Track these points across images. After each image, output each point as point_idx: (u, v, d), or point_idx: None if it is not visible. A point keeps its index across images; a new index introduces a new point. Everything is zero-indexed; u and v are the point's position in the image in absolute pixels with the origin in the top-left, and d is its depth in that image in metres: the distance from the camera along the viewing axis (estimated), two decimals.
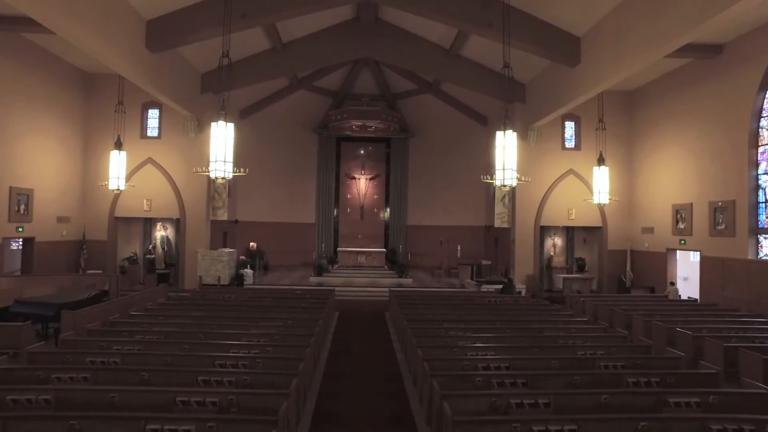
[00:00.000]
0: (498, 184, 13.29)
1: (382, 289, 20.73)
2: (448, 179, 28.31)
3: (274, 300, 15.34)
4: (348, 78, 26.78)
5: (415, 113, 28.52)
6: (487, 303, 15.95)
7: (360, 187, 29.56)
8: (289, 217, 28.36)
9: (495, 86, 21.18)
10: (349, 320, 16.07)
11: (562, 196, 21.31)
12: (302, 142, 28.88)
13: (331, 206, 29.37)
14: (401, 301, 15.23)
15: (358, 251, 25.35)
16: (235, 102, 25.40)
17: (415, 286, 21.75)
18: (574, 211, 21.38)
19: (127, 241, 21.78)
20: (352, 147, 29.57)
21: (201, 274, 20.00)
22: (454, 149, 28.17)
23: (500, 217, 21.37)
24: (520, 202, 21.17)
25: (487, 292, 17.95)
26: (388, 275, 23.91)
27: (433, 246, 27.71)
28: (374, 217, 29.62)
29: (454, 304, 14.80)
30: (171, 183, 20.53)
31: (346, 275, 23.69)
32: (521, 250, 21.18)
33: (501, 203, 21.38)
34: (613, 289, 20.99)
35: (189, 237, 20.56)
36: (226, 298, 15.86)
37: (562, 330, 11.20)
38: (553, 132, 21.46)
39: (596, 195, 18.72)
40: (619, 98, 21.25)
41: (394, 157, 29.49)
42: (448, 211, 28.13)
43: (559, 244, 22.89)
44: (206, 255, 20.22)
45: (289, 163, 28.41)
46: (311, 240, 28.99)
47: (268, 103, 26.46)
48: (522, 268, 21.13)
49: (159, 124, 20.84)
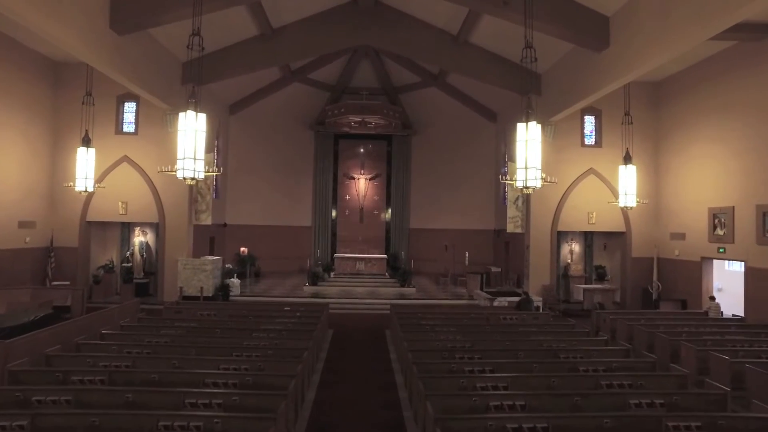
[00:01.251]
0: (519, 185, 11.17)
1: (382, 302, 18.64)
2: (453, 179, 26.22)
3: (257, 318, 13.25)
4: (346, 70, 24.67)
5: (419, 108, 26.41)
6: (503, 320, 13.88)
7: (359, 187, 27.48)
8: (283, 220, 26.29)
9: (507, 77, 19.11)
10: (345, 341, 13.98)
11: (581, 197, 19.18)
12: (297, 139, 26.80)
13: (328, 208, 27.32)
14: (404, 320, 13.13)
15: (357, 257, 23.26)
16: (224, 96, 23.38)
17: (419, 297, 19.66)
18: (594, 214, 19.24)
19: (103, 247, 19.70)
20: (351, 145, 27.50)
21: (182, 284, 17.93)
22: (460, 147, 26.07)
23: (513, 221, 19.28)
24: (536, 205, 19.05)
25: (502, 308, 15.82)
26: (389, 284, 21.82)
27: (438, 251, 25.64)
28: (375, 219, 27.54)
29: (465, 325, 12.68)
30: (149, 184, 18.45)
31: (344, 284, 21.61)
32: (536, 257, 19.06)
33: (514, 206, 19.29)
34: (638, 301, 18.85)
35: (169, 243, 18.47)
36: (203, 316, 13.82)
37: (601, 365, 9.07)
38: (572, 127, 19.32)
39: (622, 197, 16.59)
40: (644, 90, 19.11)
41: (395, 156, 27.42)
42: (454, 213, 26.03)
43: (577, 251, 20.75)
44: (187, 263, 18.14)
45: (284, 162, 26.34)
46: (307, 244, 26.94)
47: (259, 97, 24.37)
48: (537, 278, 19.01)
49: (136, 119, 18.75)
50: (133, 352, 9.56)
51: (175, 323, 12.29)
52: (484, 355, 9.77)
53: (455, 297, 19.97)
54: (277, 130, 26.03)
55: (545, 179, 11.28)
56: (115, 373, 8.19)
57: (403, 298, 19.49)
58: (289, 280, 23.62)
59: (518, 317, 14.27)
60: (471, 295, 19.80)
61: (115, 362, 8.76)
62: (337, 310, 17.70)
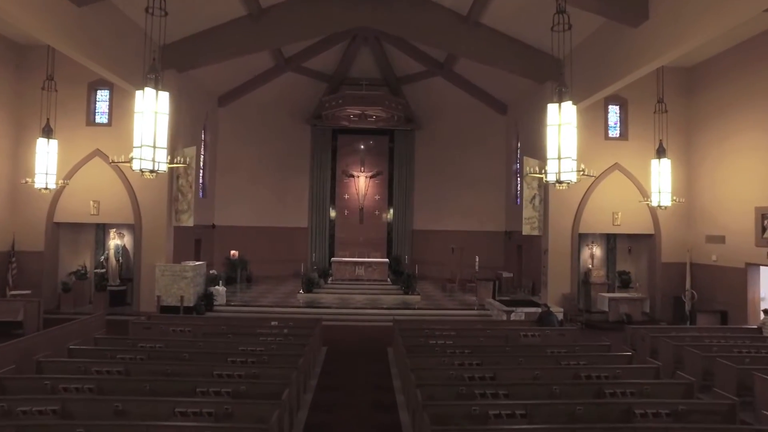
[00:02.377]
0: (551, 180, 9.14)
1: (384, 312, 16.62)
2: (460, 177, 24.18)
3: (237, 337, 11.23)
4: (344, 58, 22.65)
5: (423, 101, 24.37)
6: (524, 338, 11.87)
7: (359, 186, 25.47)
8: (277, 221, 24.28)
9: (524, 62, 17.10)
10: (340, 362, 11.96)
11: (605, 196, 17.13)
12: (292, 134, 24.78)
13: (326, 208, 25.33)
14: (409, 339, 11.10)
15: (356, 262, 21.23)
16: (212, 86, 21.37)
17: (424, 307, 17.62)
18: (620, 214, 17.20)
19: (75, 251, 17.71)
20: (350, 140, 25.49)
21: (159, 293, 15.93)
22: (468, 142, 24.02)
23: (529, 223, 17.24)
24: (555, 204, 17.01)
25: (520, 323, 13.78)
26: (391, 291, 19.79)
27: (444, 254, 23.60)
28: (375, 220, 25.52)
29: (481, 347, 10.64)
30: (124, 181, 16.45)
31: (342, 291, 19.59)
32: (555, 263, 17.02)
33: (530, 205, 17.25)
34: (669, 311, 16.80)
35: (146, 247, 16.47)
36: (176, 332, 11.83)
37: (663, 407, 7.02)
38: (594, 118, 17.27)
39: (654, 195, 14.55)
40: (674, 76, 16.99)
41: (398, 152, 25.41)
42: (461, 214, 24.00)
43: (598, 255, 18.70)
44: (166, 270, 16.13)
45: (278, 158, 24.32)
46: (303, 247, 24.94)
47: (250, 87, 22.37)
48: (556, 286, 16.97)
49: (109, 109, 16.75)
50: (71, 387, 7.55)
51: (138, 344, 10.27)
52: (512, 391, 7.74)
53: (464, 306, 17.94)
54: (271, 123, 24.02)
55: (583, 172, 9.22)
56: (30, 427, 6.19)
57: (407, 308, 17.46)
58: (283, 286, 21.61)
59: (541, 334, 12.24)
60: (482, 304, 17.77)
61: (38, 406, 6.76)
62: (334, 322, 15.70)
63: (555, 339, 12.31)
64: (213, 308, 16.66)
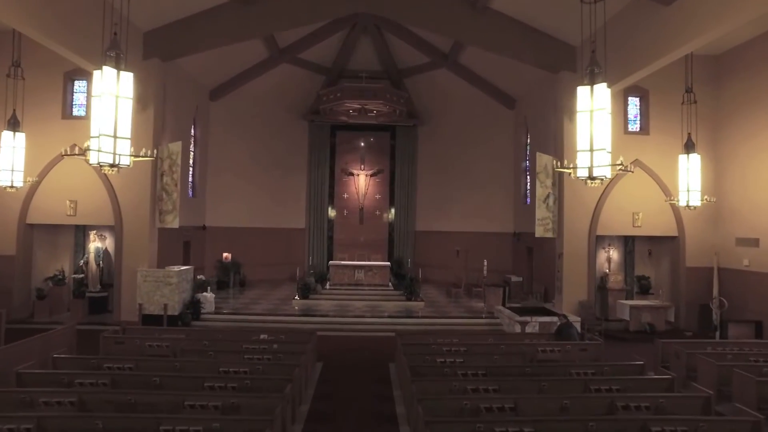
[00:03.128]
0: (581, 175, 7.76)
1: (385, 321, 15.28)
2: (466, 175, 22.81)
3: (220, 354, 9.88)
4: (343, 49, 21.28)
5: (426, 95, 22.99)
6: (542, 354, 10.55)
7: (359, 185, 24.11)
8: (272, 222, 22.92)
9: (536, 50, 15.73)
10: (336, 381, 10.62)
11: (625, 195, 15.76)
12: (289, 130, 23.42)
13: (324, 208, 23.97)
14: (414, 355, 9.77)
15: (356, 265, 19.86)
16: (203, 79, 20.01)
17: (429, 315, 16.25)
18: (641, 215, 15.82)
19: (53, 255, 16.37)
20: (350, 137, 24.13)
21: (141, 300, 14.58)
22: (474, 138, 22.65)
23: (542, 224, 15.86)
24: (570, 204, 15.63)
25: (536, 335, 12.39)
26: (393, 296, 18.43)
27: (448, 257, 22.28)
28: (376, 220, 24.16)
29: (498, 368, 9.26)
30: (103, 179, 15.09)
31: (340, 296, 18.23)
32: (571, 267, 15.64)
33: (543, 206, 15.87)
34: (695, 320, 15.42)
35: (128, 250, 15.11)
36: (151, 349, 10.50)
37: None
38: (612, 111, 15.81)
39: (682, 194, 13.18)
40: (700, 65, 15.57)
41: (400, 149, 24.05)
42: (467, 214, 22.63)
43: (615, 259, 17.32)
44: (148, 275, 14.78)
45: (273, 155, 22.96)
46: (300, 249, 23.60)
47: (244, 80, 21.01)
48: (571, 292, 15.59)
49: (87, 101, 15.37)
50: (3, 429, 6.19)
51: (104, 364, 8.93)
52: (538, 428, 6.39)
53: (472, 314, 16.57)
54: (266, 118, 22.65)
55: (621, 165, 7.83)
56: None
57: (410, 316, 16.10)
58: (279, 291, 20.27)
59: (562, 350, 10.89)
60: (491, 311, 16.41)
61: None
62: (331, 332, 14.36)
63: (577, 355, 10.99)
64: (200, 317, 15.31)
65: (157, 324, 14.33)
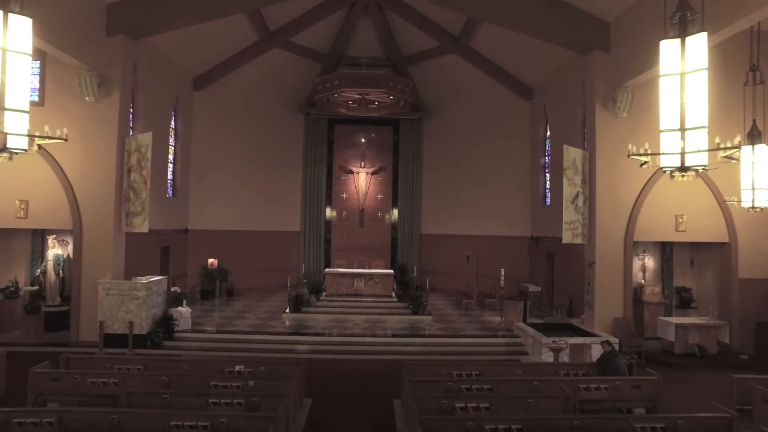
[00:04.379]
0: (669, 166, 5.45)
1: (388, 341, 12.99)
2: (476, 173, 20.51)
3: (176, 398, 7.59)
4: (341, 33, 19.00)
5: (434, 85, 20.68)
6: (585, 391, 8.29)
7: (359, 184, 21.84)
8: (264, 225, 20.64)
9: (562, 26, 13.42)
10: (326, 428, 8.32)
11: (666, 194, 13.42)
12: (282, 124, 21.15)
13: (321, 209, 21.71)
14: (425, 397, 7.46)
15: (355, 273, 17.54)
16: (185, 65, 17.67)
17: (439, 333, 13.94)
18: (685, 218, 13.50)
19: (5, 263, 14.08)
20: (349, 131, 21.87)
21: (103, 317, 12.29)
22: (486, 132, 20.33)
23: (571, 228, 13.53)
24: (603, 205, 13.31)
25: (571, 366, 10.03)
26: (397, 309, 16.14)
27: (457, 262, 20.03)
28: (378, 223, 21.89)
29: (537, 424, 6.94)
30: (60, 175, 12.81)
31: (337, 310, 15.93)
32: (603, 278, 13.31)
33: (572, 207, 13.54)
34: (750, 341, 13.07)
35: (88, 259, 12.83)
36: (95, 386, 8.26)
37: None
38: (650, 97, 13.48)
39: (746, 193, 10.84)
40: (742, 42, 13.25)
41: (403, 145, 21.78)
42: (478, 215, 20.32)
43: (651, 268, 15.00)
44: (111, 288, 12.50)
45: (264, 151, 20.67)
46: (294, 254, 21.34)
47: (231, 67, 18.71)
48: (605, 307, 13.27)
49: (41, 84, 13.09)
50: None
51: (14, 419, 6.63)
52: None
53: (488, 331, 14.24)
54: (256, 111, 20.36)
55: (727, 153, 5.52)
56: None
57: (417, 334, 13.78)
58: (269, 302, 18.00)
59: (611, 388, 8.61)
60: (509, 328, 14.11)
61: None
62: (325, 354, 12.13)
63: (628, 393, 8.73)
64: (174, 336, 13.03)
65: (122, 345, 12.10)
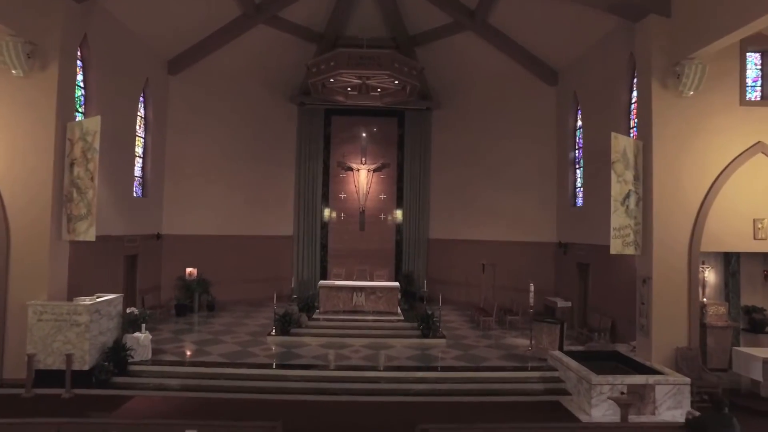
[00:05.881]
0: None
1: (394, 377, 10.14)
2: (492, 170, 17.72)
3: None
4: (339, 8, 16.22)
5: (444, 69, 17.87)
6: None
7: (360, 182, 19.07)
8: (251, 228, 17.87)
9: None
10: None
11: (742, 194, 10.60)
12: (272, 114, 18.39)
13: (316, 211, 18.97)
14: None
15: (354, 287, 14.72)
16: (158, 45, 14.81)
17: (455, 362, 11.10)
18: (765, 222, 10.66)
19: None
20: (349, 123, 19.11)
21: (33, 350, 9.52)
22: (504, 124, 17.52)
23: (621, 236, 10.69)
24: (662, 207, 10.49)
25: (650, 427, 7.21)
26: (404, 331, 13.36)
27: (470, 271, 17.35)
28: (381, 226, 19.12)
29: None
30: None
31: (332, 331, 13.12)
32: (663, 297, 10.48)
33: (622, 209, 10.72)
34: None
35: (17, 275, 10.04)
36: None
37: None
38: (722, 74, 10.71)
39: None
40: None
41: (409, 138, 19.04)
42: (495, 218, 17.52)
43: (712, 283, 12.15)
44: (45, 311, 9.72)
45: (252, 146, 17.92)
46: (287, 260, 18.61)
47: (211, 47, 15.92)
48: (664, 332, 10.44)
49: None
50: None
51: None
52: None
53: (516, 361, 11.38)
54: (242, 99, 17.59)
55: None
56: None
57: (429, 367, 10.92)
58: (255, 317, 15.25)
59: None
60: (541, 356, 11.32)
61: None
62: (315, 396, 9.33)
63: None
64: (127, 370, 10.24)
65: (58, 383, 9.38)
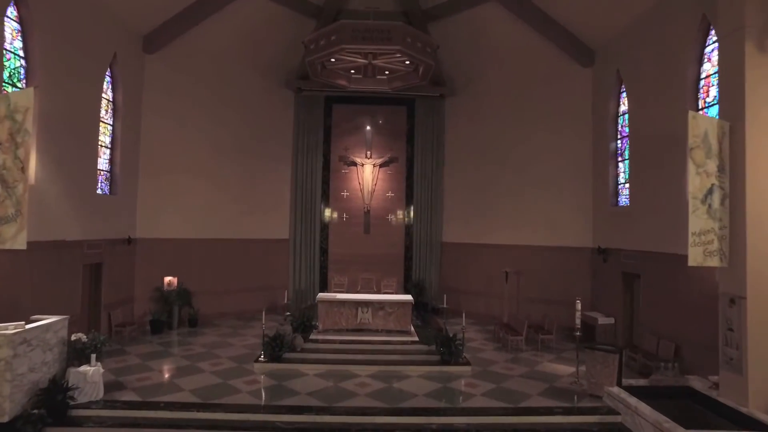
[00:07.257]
0: None
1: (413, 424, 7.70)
2: (515, 165, 15.27)
3: None
4: None
5: (461, 50, 15.42)
6: None
7: (364, 178, 16.64)
8: (241, 231, 15.42)
9: None
10: None
11: None
12: (265, 101, 15.95)
13: (315, 211, 16.54)
14: None
15: (359, 301, 12.23)
16: (131, 18, 12.37)
17: (486, 400, 8.60)
18: None
19: None
20: (352, 113, 16.69)
21: None
22: (530, 111, 15.06)
23: (702, 242, 8.22)
24: (756, 206, 8.00)
25: None
26: (420, 355, 10.89)
27: (490, 280, 14.90)
28: (388, 228, 16.69)
29: None
30: None
31: (332, 356, 10.65)
32: (759, 323, 7.99)
33: (703, 208, 8.25)
34: None
35: None
36: None
37: None
38: None
39: None
40: None
41: (421, 129, 16.60)
42: (517, 220, 15.08)
43: None
44: None
45: (243, 137, 15.48)
46: (282, 267, 16.18)
47: (193, 20, 13.44)
48: (762, 369, 7.95)
49: None
50: None
51: None
52: None
53: (562, 399, 8.90)
54: (230, 83, 15.15)
55: None
56: None
57: (455, 409, 8.44)
58: (244, 335, 12.82)
59: None
60: (594, 392, 8.86)
61: None
62: None
63: None
64: (66, 417, 7.78)
65: None
